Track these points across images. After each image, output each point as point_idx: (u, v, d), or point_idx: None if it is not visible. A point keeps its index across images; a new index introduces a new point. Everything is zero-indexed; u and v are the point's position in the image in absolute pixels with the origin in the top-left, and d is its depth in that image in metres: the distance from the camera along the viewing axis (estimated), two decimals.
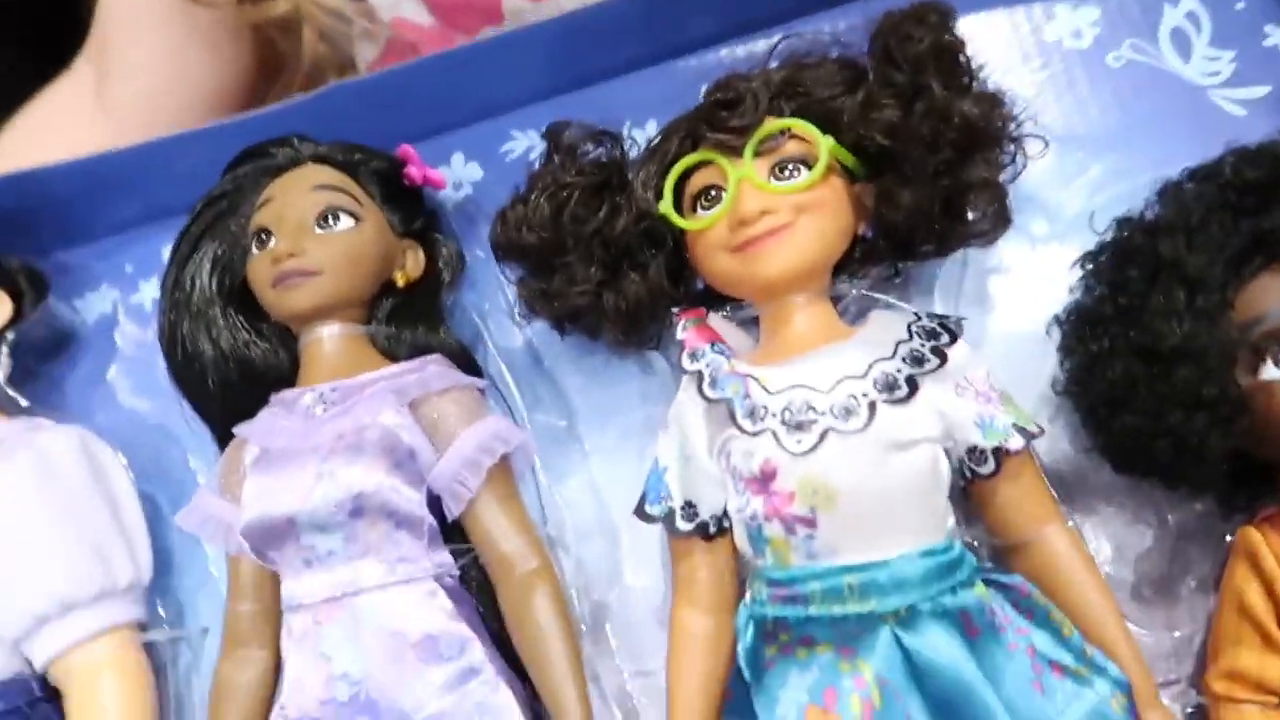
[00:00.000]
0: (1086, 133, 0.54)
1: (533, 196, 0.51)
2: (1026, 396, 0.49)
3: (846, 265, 0.50)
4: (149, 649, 0.56)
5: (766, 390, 0.44)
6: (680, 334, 0.48)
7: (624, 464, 0.54)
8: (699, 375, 0.46)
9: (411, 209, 0.57)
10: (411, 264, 0.56)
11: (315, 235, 0.52)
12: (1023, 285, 0.52)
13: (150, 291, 0.66)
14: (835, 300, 0.50)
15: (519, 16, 0.74)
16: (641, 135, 0.62)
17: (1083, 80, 0.55)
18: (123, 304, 0.67)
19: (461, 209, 0.64)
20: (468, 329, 0.59)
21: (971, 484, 0.45)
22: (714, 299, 0.51)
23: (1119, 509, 0.49)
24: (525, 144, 0.64)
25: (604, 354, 0.57)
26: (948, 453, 0.44)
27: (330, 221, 0.53)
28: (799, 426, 0.43)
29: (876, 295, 0.51)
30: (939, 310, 0.51)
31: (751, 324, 0.51)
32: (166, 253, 0.58)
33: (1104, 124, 0.54)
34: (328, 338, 0.53)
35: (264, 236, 0.53)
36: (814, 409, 0.43)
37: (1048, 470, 0.49)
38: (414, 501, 0.49)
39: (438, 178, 0.59)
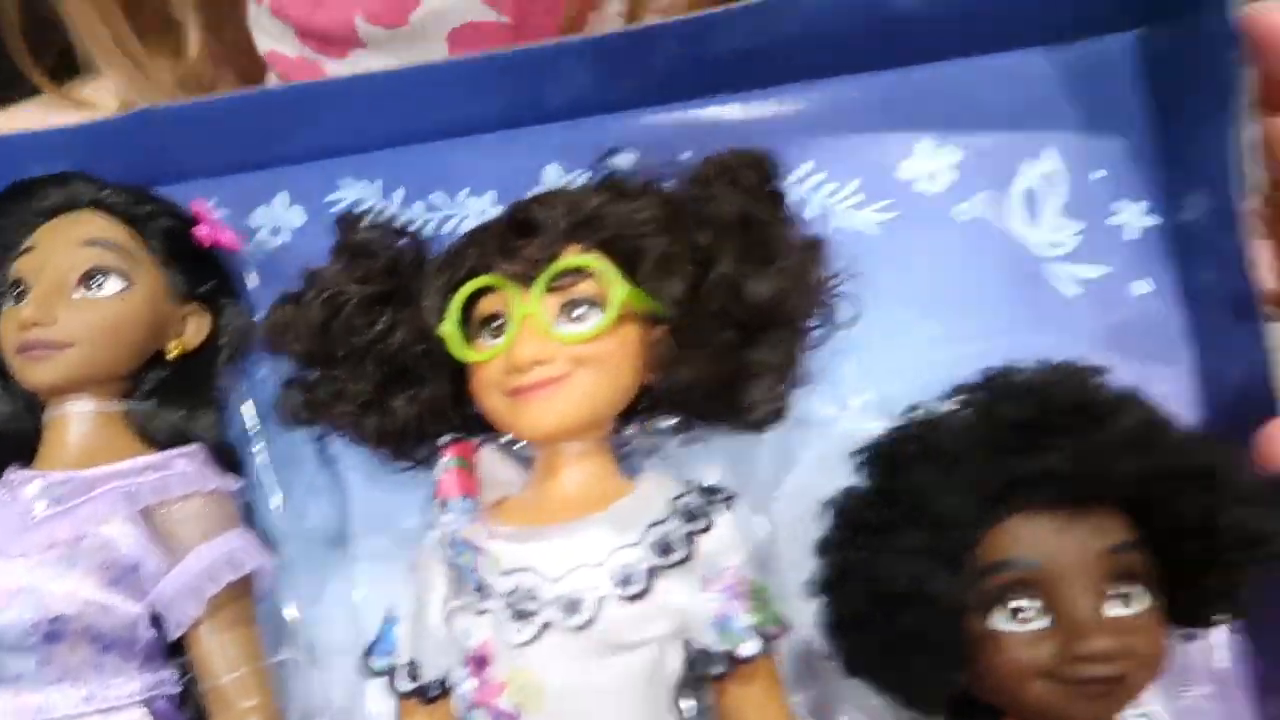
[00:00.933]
0: (918, 289, 0.50)
1: (306, 298, 0.46)
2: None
3: (635, 411, 0.46)
4: None
5: (497, 567, 0.41)
6: (438, 472, 0.45)
7: (391, 580, 0.50)
8: (442, 533, 0.43)
9: (199, 271, 0.52)
10: (192, 333, 0.52)
11: (71, 301, 0.48)
12: (826, 447, 0.49)
13: None
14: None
15: (377, 45, 0.69)
16: (478, 205, 0.58)
17: (925, 229, 0.51)
18: None
19: (275, 258, 0.59)
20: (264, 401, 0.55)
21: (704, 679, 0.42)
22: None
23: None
24: (354, 194, 0.60)
25: None
26: (684, 644, 0.41)
27: (94, 284, 0.48)
28: (520, 615, 0.40)
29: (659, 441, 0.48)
30: (716, 474, 0.47)
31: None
32: None
33: (938, 282, 0.50)
34: (75, 415, 0.48)
35: (17, 289, 0.48)
36: (537, 598, 0.40)
37: None
38: (128, 620, 0.45)
39: (230, 240, 0.54)
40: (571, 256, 0.44)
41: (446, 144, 0.59)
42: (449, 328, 0.45)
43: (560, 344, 0.42)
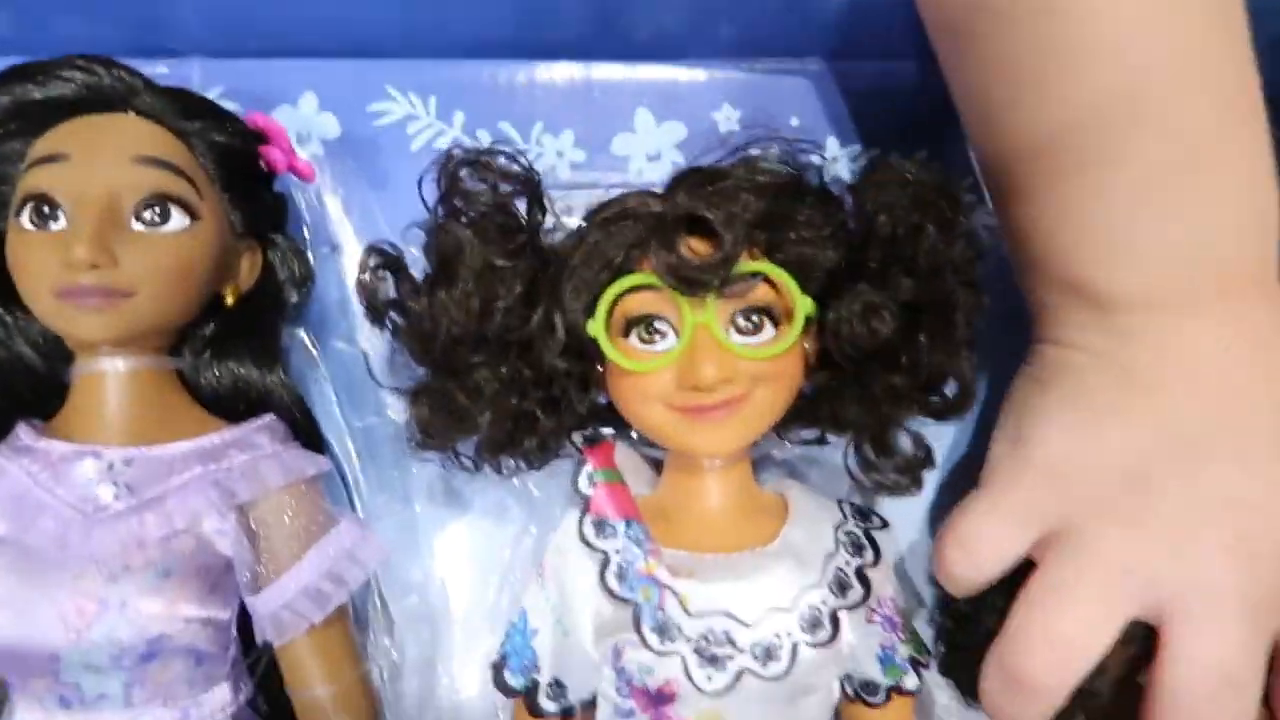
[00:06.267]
0: None
1: (459, 279, 0.40)
2: None
3: None
4: None
5: (685, 610, 0.39)
6: (585, 487, 0.41)
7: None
8: (603, 557, 0.40)
9: (260, 204, 0.44)
10: (246, 273, 0.44)
11: (131, 235, 0.39)
12: None
13: None
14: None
15: None
16: (553, 145, 0.52)
17: None
18: None
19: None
20: (295, 357, 0.47)
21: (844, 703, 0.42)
22: (615, 416, 0.44)
23: None
24: (403, 112, 0.52)
25: None
26: (842, 680, 0.41)
27: (156, 217, 0.39)
28: (714, 661, 0.38)
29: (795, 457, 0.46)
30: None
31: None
32: None
33: None
34: (123, 374, 0.40)
35: (46, 210, 0.38)
36: (734, 644, 0.39)
37: None
38: (222, 629, 0.39)
39: (306, 168, 0.45)
40: (748, 261, 0.40)
41: (518, 65, 0.53)
42: (599, 328, 0.40)
43: (739, 359, 0.40)
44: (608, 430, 0.45)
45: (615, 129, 0.52)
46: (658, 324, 0.40)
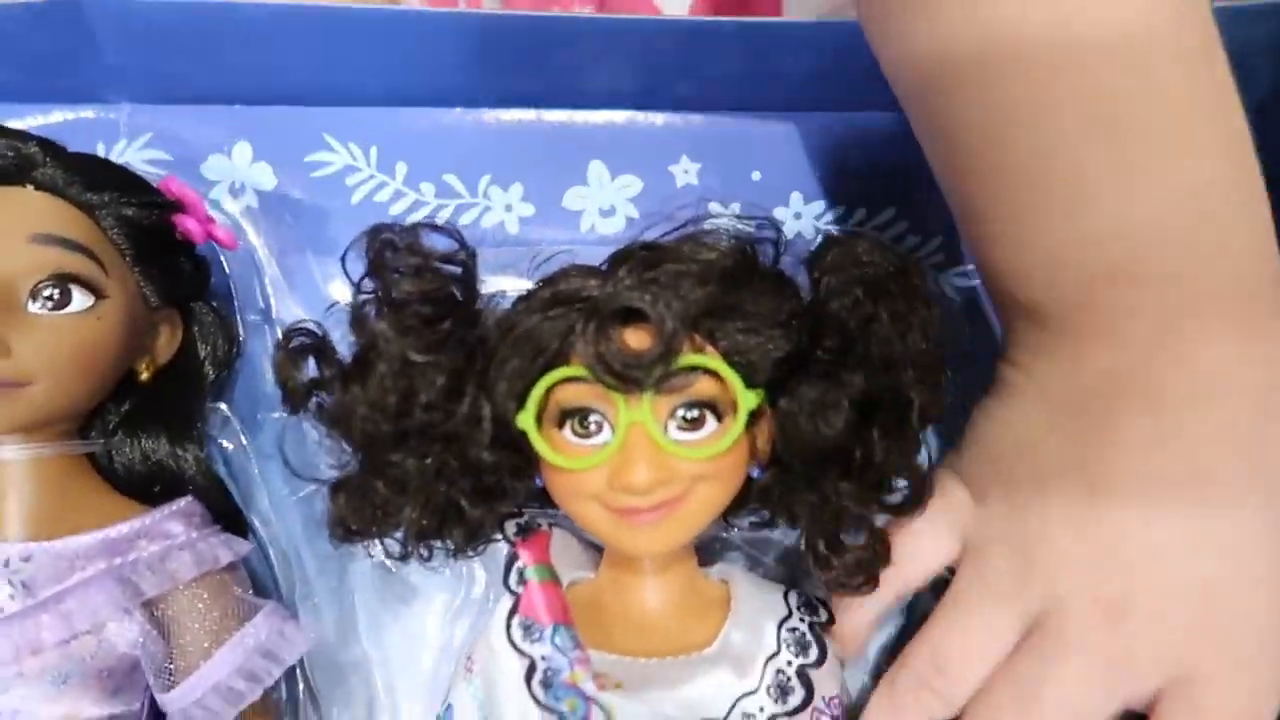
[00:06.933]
0: None
1: (374, 373, 0.37)
2: None
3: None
4: None
5: None
6: (515, 585, 0.39)
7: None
8: (530, 663, 0.38)
9: (177, 274, 0.41)
10: (164, 345, 0.42)
11: (25, 320, 0.36)
12: None
13: None
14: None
15: None
16: (502, 199, 0.49)
17: None
18: None
19: (235, 231, 0.48)
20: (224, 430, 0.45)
21: None
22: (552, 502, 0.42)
23: None
24: (342, 163, 0.49)
25: None
26: None
27: (55, 297, 0.37)
28: None
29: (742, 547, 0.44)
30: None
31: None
32: None
33: None
34: (26, 462, 0.38)
35: None
36: None
37: None
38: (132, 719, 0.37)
39: (227, 236, 0.43)
40: (690, 354, 0.38)
41: (465, 113, 0.50)
42: (528, 420, 0.38)
43: (676, 459, 0.37)
44: (545, 514, 0.43)
45: (568, 182, 0.50)
46: (593, 418, 0.38)
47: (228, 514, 0.42)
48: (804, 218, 0.50)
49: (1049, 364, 0.40)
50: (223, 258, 0.46)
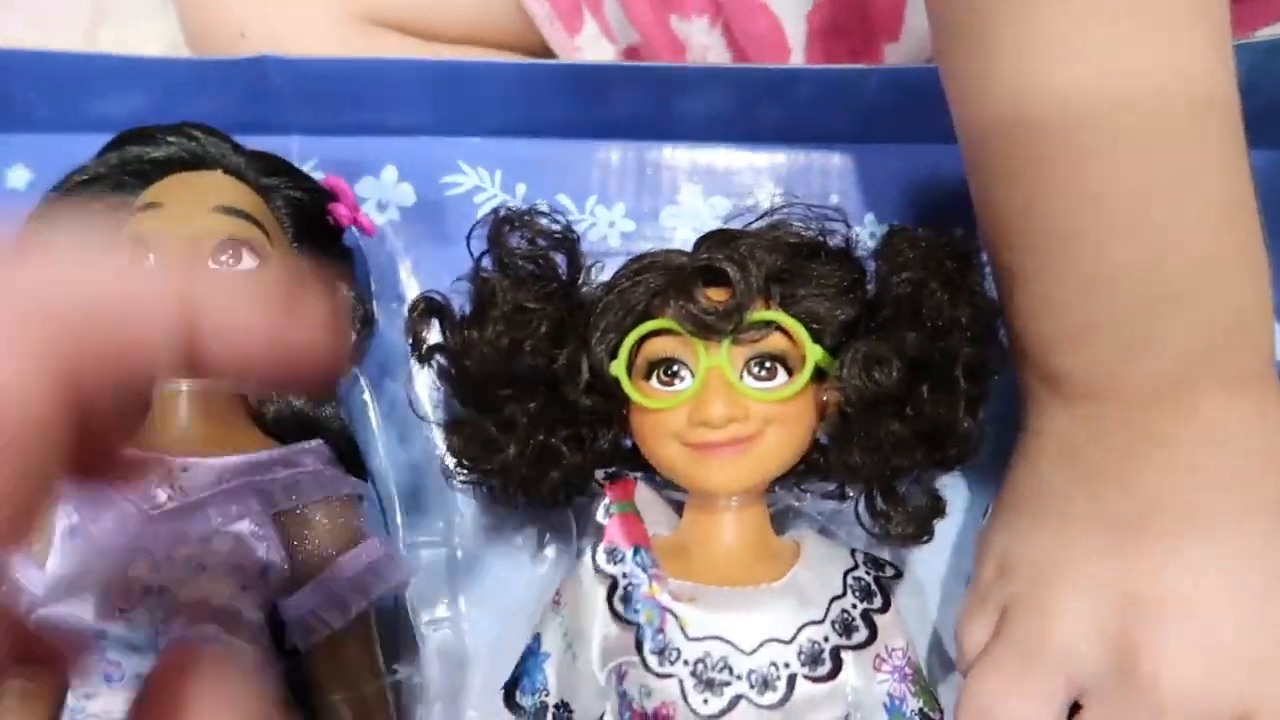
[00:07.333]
0: None
1: (490, 317, 0.43)
2: None
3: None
4: None
5: (684, 633, 0.40)
6: (602, 517, 0.43)
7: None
8: (612, 581, 0.42)
9: (327, 254, 0.49)
10: None
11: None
12: None
13: None
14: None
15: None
16: (606, 215, 0.56)
17: None
18: None
19: (380, 238, 0.56)
20: (352, 402, 0.51)
21: None
22: (639, 460, 0.46)
23: None
24: (471, 183, 0.57)
25: None
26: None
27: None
28: (710, 685, 0.39)
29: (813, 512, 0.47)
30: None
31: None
32: None
33: None
34: (194, 395, 0.44)
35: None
36: (730, 670, 0.39)
37: None
38: (253, 627, 0.42)
39: (369, 224, 0.51)
40: (762, 310, 0.42)
41: (578, 144, 0.57)
42: (620, 368, 0.43)
43: (750, 401, 0.42)
44: (633, 474, 0.47)
45: (663, 202, 0.56)
46: (676, 367, 0.43)
47: (351, 460, 0.48)
48: (876, 236, 0.55)
49: (1067, 425, 0.41)
50: (374, 255, 0.54)
